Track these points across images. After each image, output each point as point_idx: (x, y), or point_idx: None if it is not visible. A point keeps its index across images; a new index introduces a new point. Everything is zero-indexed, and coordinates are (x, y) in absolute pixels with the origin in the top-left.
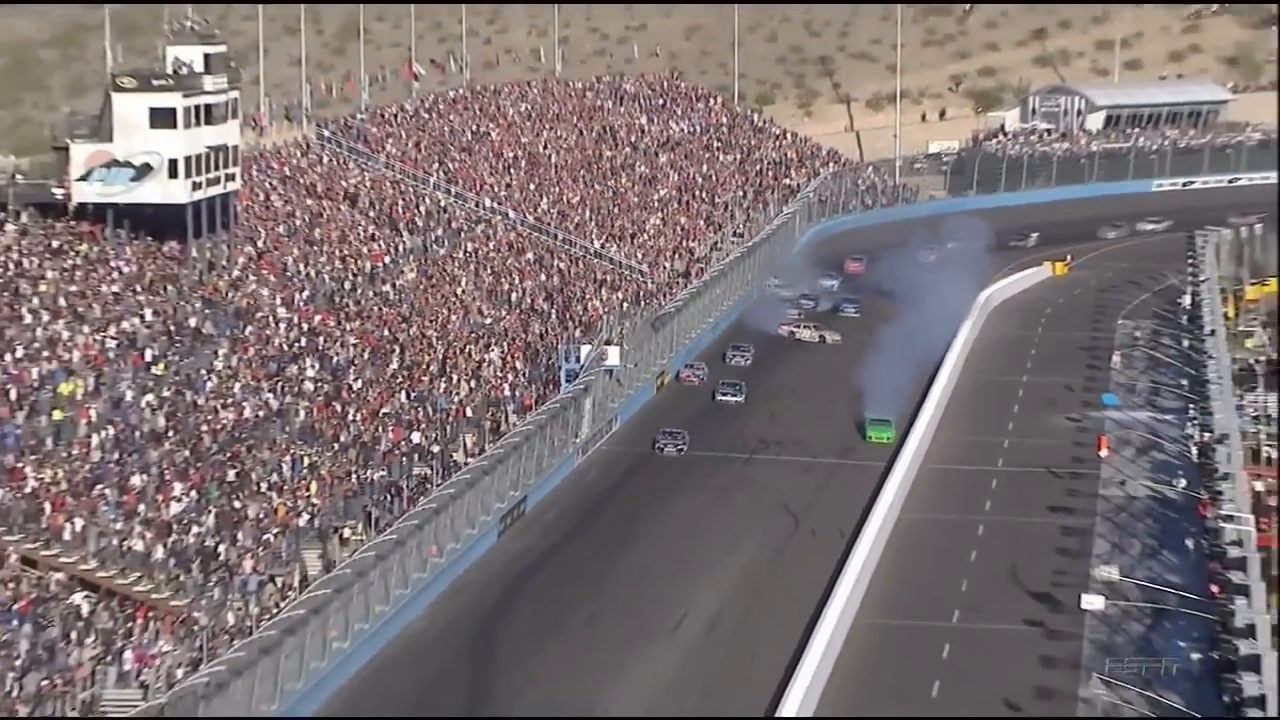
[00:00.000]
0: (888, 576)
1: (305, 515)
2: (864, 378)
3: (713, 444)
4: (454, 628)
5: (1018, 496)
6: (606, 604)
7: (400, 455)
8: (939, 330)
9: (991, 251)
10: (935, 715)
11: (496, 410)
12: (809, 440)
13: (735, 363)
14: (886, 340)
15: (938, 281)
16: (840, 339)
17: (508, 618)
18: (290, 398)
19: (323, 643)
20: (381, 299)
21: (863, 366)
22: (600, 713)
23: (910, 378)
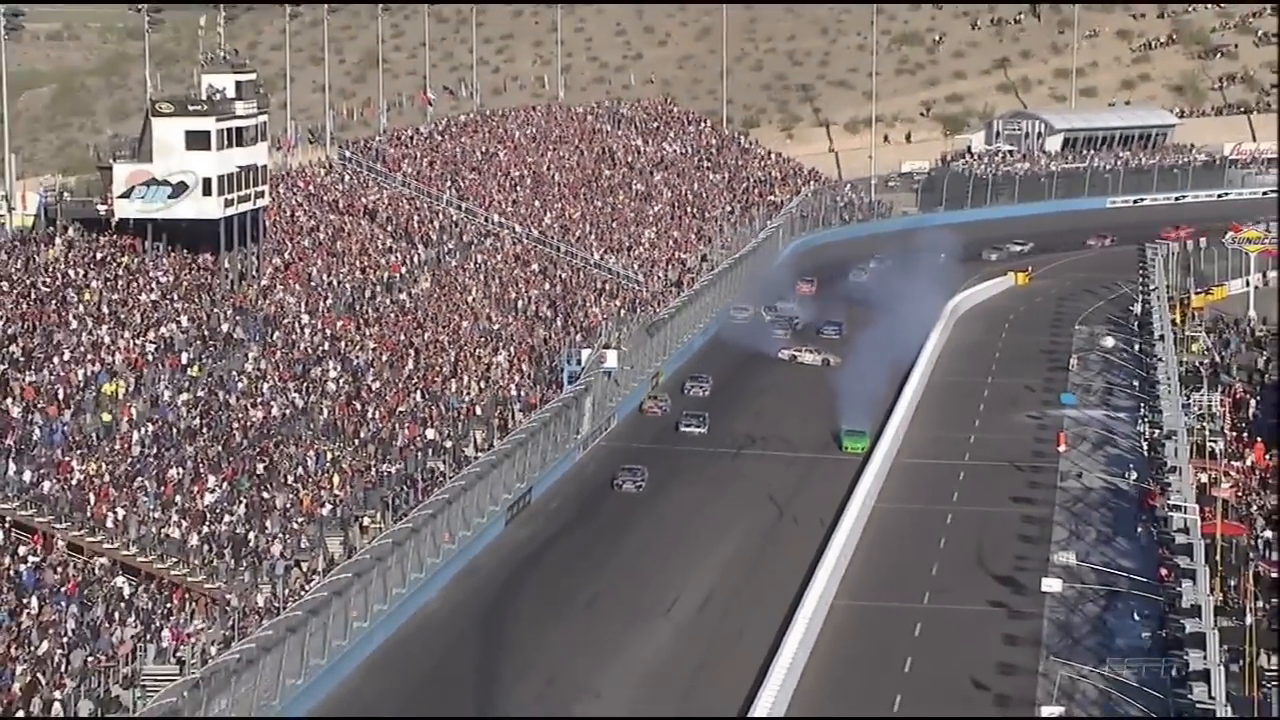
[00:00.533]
0: (864, 561)
1: (328, 505)
2: (837, 383)
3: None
4: (465, 608)
5: (983, 488)
6: (605, 587)
7: (415, 450)
8: (910, 336)
9: (957, 263)
10: (908, 687)
11: (504, 409)
12: (792, 436)
13: (694, 394)
14: (859, 347)
15: (908, 292)
16: (840, 361)
17: (515, 599)
18: (314, 397)
19: (345, 622)
20: (398, 306)
21: (835, 374)
22: (601, 687)
23: (882, 383)
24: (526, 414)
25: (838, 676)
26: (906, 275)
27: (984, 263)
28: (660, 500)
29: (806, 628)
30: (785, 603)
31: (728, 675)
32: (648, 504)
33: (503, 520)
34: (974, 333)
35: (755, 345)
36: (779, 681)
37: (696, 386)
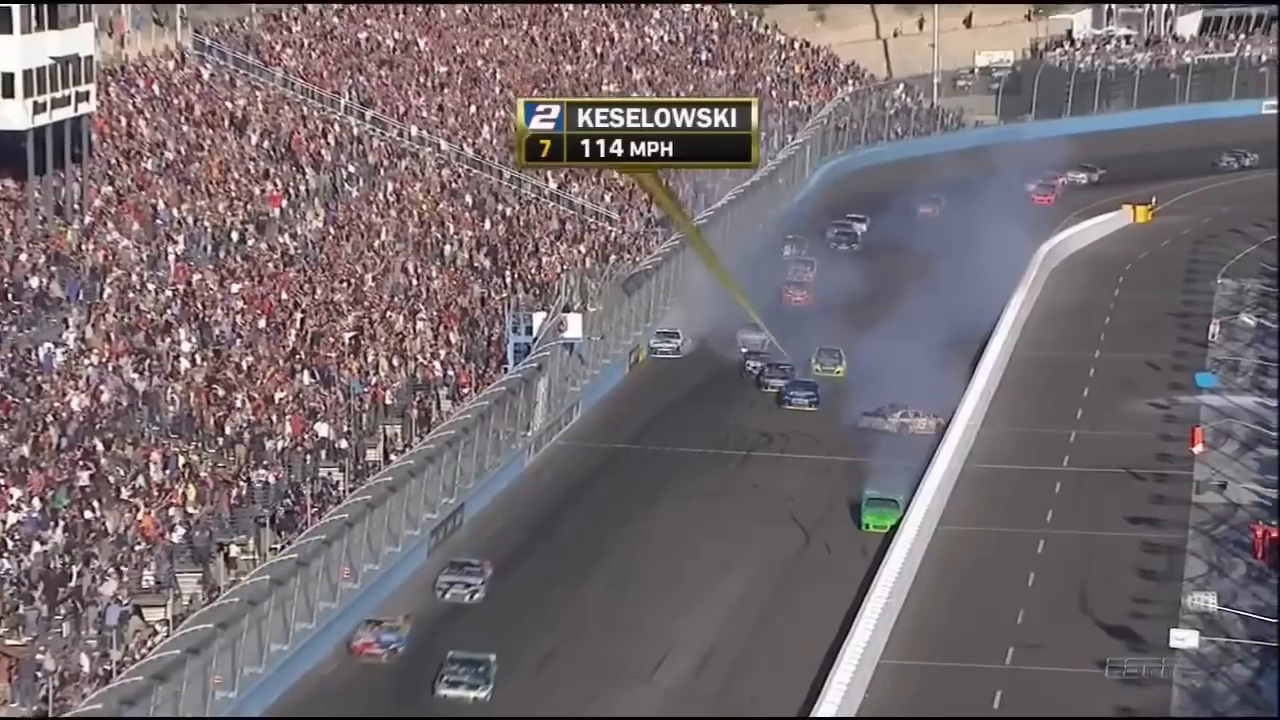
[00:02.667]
0: (922, 606)
1: (180, 529)
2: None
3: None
4: (372, 672)
5: (1088, 504)
6: (565, 640)
7: (302, 453)
8: (982, 299)
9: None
10: None
11: (425, 395)
12: (821, 432)
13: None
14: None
15: (984, 234)
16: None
17: (440, 658)
18: (161, 379)
19: (203, 693)
20: (278, 254)
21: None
22: None
23: (944, 368)
24: (457, 402)
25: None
26: (979, 210)
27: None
28: (642, 521)
29: (843, 699)
30: (813, 664)
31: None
32: (624, 526)
33: (424, 549)
34: (1075, 289)
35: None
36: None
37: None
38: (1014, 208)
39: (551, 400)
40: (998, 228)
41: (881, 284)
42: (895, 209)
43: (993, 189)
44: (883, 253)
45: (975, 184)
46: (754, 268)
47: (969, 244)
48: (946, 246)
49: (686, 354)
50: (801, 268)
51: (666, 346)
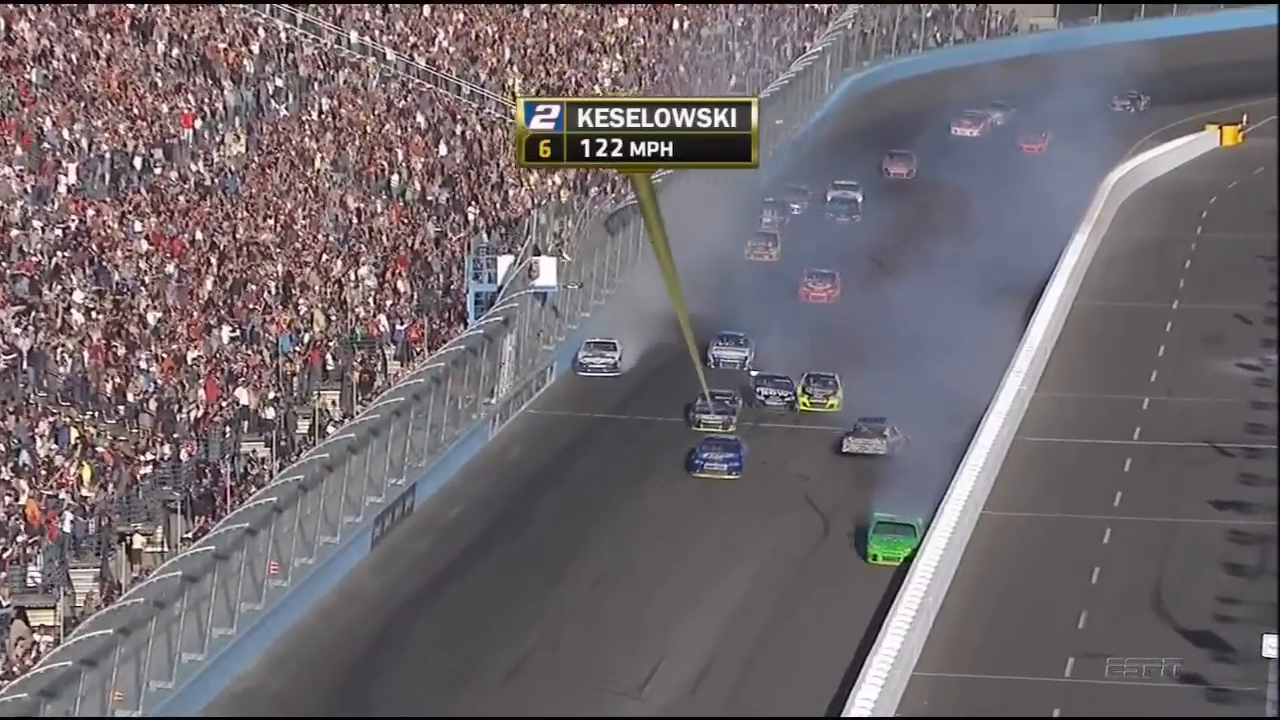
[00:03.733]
0: (964, 608)
1: (72, 515)
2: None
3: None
4: (301, 686)
5: (1163, 484)
6: (536, 650)
7: (220, 424)
8: (1037, 239)
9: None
10: None
11: (369, 356)
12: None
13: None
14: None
15: (1038, 161)
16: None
17: (385, 673)
18: (47, 335)
19: (101, 712)
20: (192, 185)
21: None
22: None
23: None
24: (406, 364)
25: None
26: (1034, 131)
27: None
28: (629, 506)
29: (874, 710)
30: (833, 677)
31: None
32: (607, 513)
33: (367, 540)
34: (1149, 226)
35: None
36: None
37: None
38: (1075, 128)
39: (520, 362)
40: (1055, 152)
41: (917, 220)
42: (930, 131)
43: (1049, 106)
44: (919, 186)
45: (1029, 99)
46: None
47: (1019, 172)
48: (992, 175)
49: (628, 370)
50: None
51: (600, 361)
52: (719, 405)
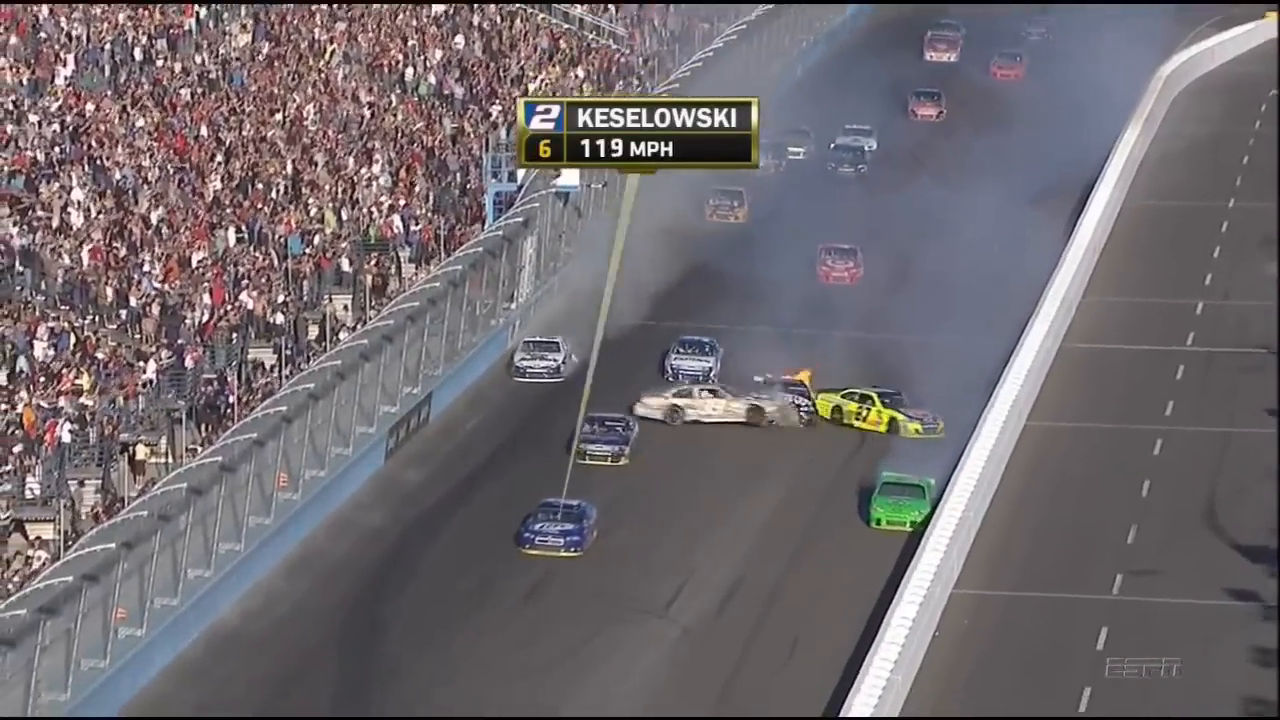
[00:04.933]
0: (1006, 523)
1: (71, 424)
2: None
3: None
4: (312, 606)
5: (1217, 393)
6: (556, 569)
7: (225, 330)
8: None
9: None
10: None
11: (382, 258)
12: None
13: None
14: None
15: (1084, 49)
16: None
17: (398, 591)
18: (45, 235)
19: (104, 629)
20: (196, 77)
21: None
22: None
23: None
24: (422, 267)
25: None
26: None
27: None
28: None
29: (907, 638)
30: (869, 595)
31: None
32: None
33: (381, 452)
34: (1204, 122)
35: None
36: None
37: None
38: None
39: (541, 265)
40: (1104, 40)
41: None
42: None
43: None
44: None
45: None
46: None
47: (1065, 63)
48: (1036, 68)
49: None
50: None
51: (540, 365)
52: (607, 433)
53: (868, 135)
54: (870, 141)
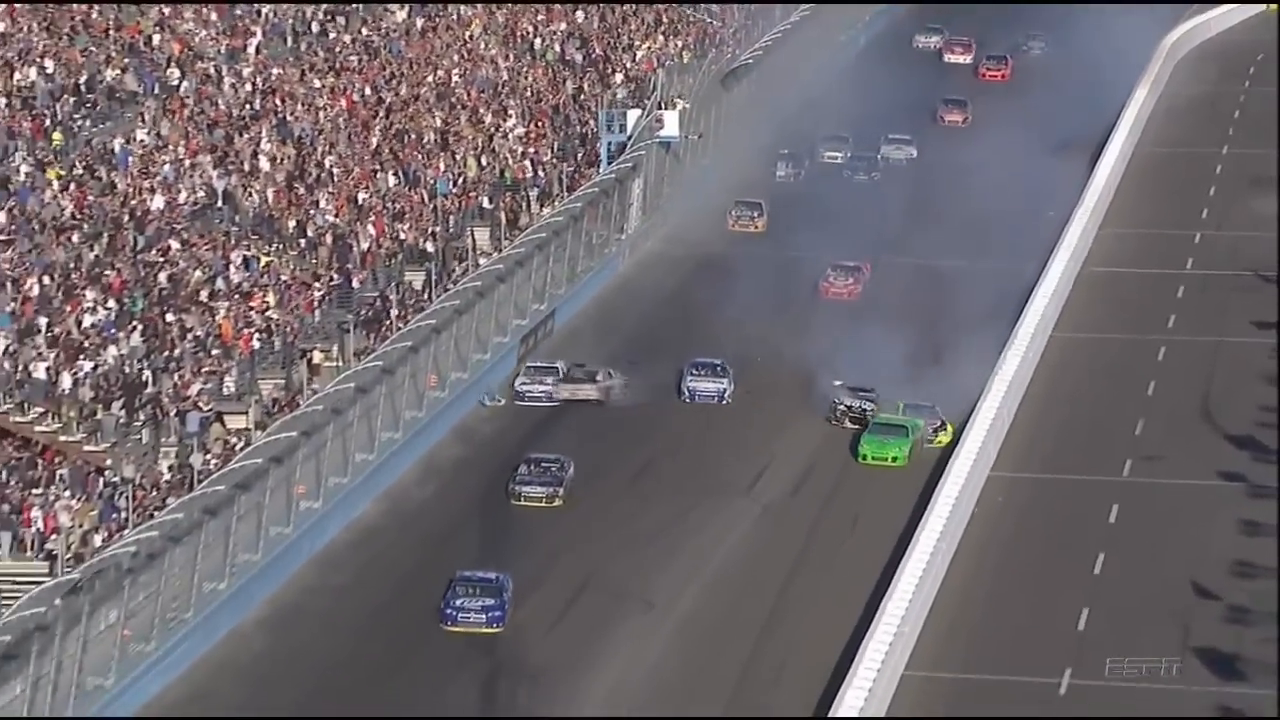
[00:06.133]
0: (1034, 416)
1: (260, 333)
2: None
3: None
4: (460, 483)
5: (1212, 308)
6: (660, 451)
7: (385, 256)
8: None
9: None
10: (1101, 596)
11: (515, 196)
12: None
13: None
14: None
15: (1098, 23)
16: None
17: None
18: (239, 178)
19: (287, 503)
20: (362, 46)
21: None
22: (658, 589)
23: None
24: (547, 204)
25: (1001, 573)
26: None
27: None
28: (746, 327)
29: (951, 512)
30: (918, 481)
31: (834, 580)
32: (726, 334)
33: (514, 357)
34: (1203, 82)
35: None
36: (915, 576)
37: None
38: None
39: (647, 202)
40: (1117, 16)
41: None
42: None
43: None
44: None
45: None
46: None
47: (1082, 33)
48: (1056, 37)
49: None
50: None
51: (539, 389)
52: (542, 474)
53: (907, 144)
54: (910, 150)
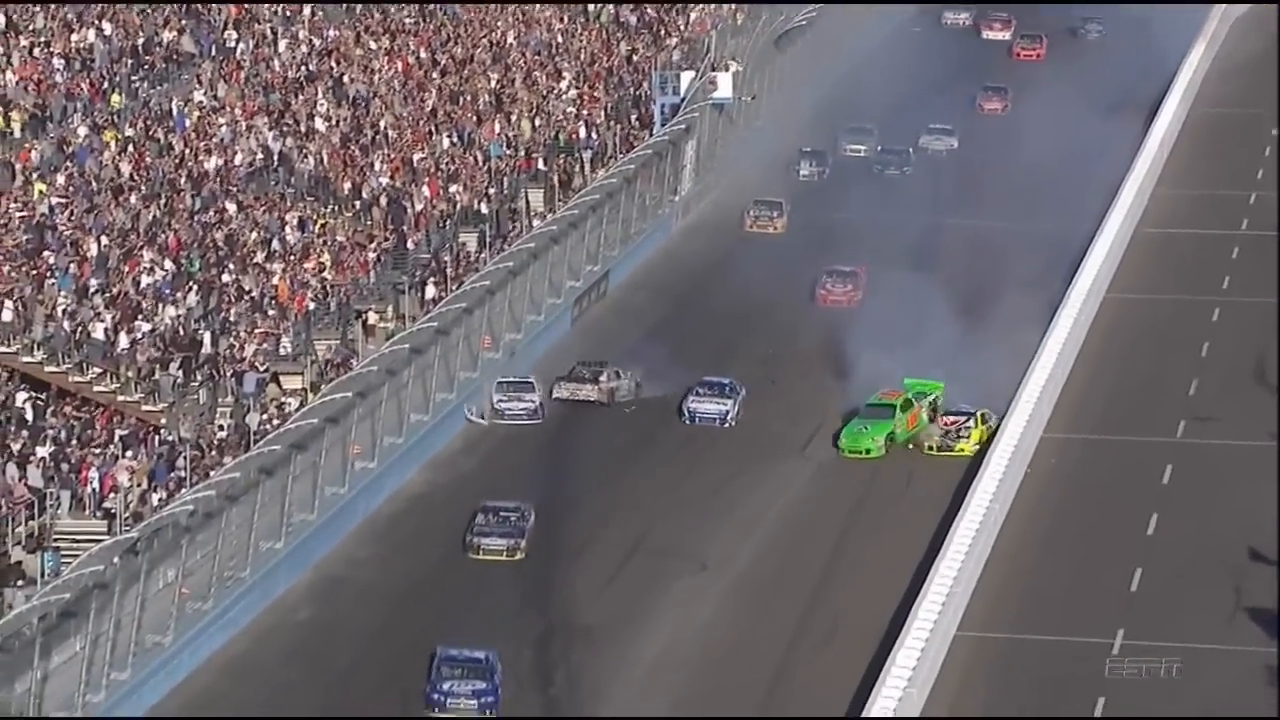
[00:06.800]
0: (1087, 377)
1: (316, 293)
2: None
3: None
4: (515, 442)
5: (1267, 269)
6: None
7: (440, 217)
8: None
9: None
10: (1154, 555)
11: (569, 158)
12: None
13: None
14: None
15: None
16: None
17: (586, 426)
18: (296, 139)
19: (343, 462)
20: (417, 8)
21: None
22: (710, 550)
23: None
24: (600, 166)
25: (1056, 528)
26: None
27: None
28: (804, 286)
29: (1005, 471)
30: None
31: (893, 529)
32: (785, 292)
33: (567, 317)
34: (1260, 40)
35: None
36: (971, 531)
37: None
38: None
39: (700, 164)
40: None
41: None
42: None
43: None
44: None
45: None
46: None
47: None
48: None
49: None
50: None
51: (519, 406)
52: (501, 524)
53: (949, 135)
54: (951, 141)
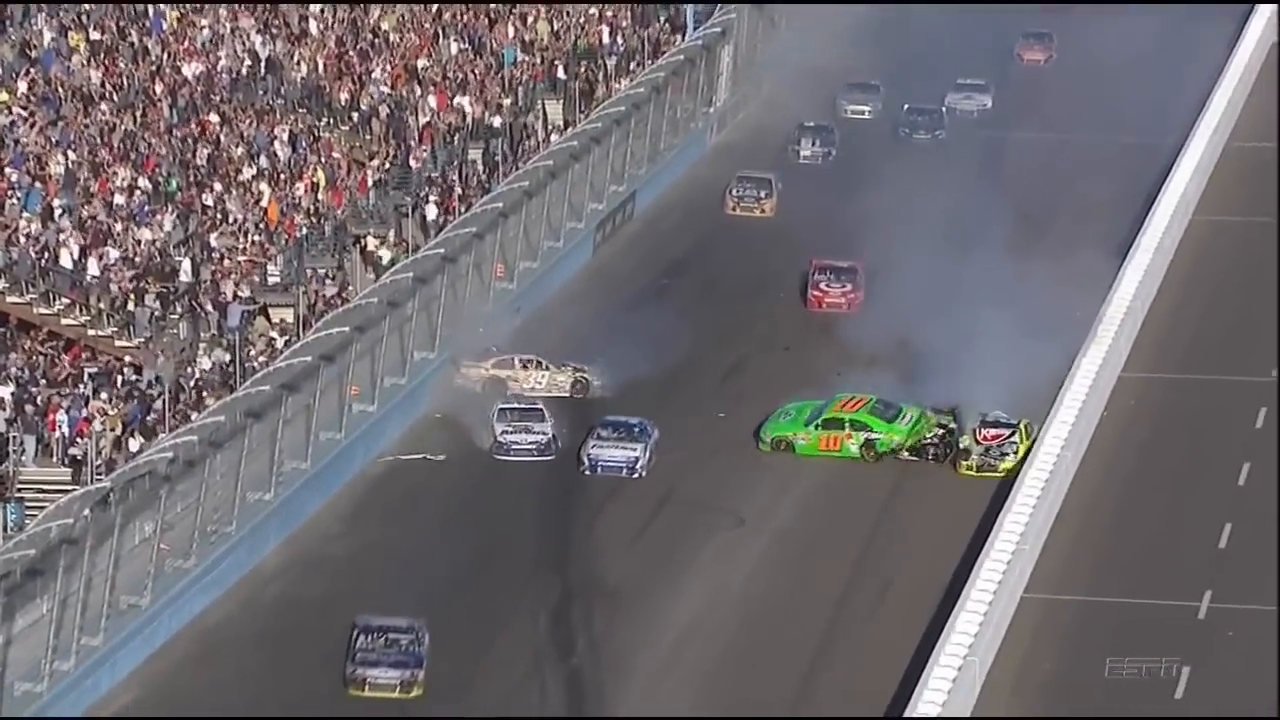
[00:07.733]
0: (1172, 310)
1: (309, 216)
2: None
3: None
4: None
5: None
6: (753, 350)
7: (446, 131)
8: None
9: None
10: (1242, 509)
11: (591, 66)
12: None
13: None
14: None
15: None
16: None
17: (612, 367)
18: (285, 44)
19: (339, 404)
20: None
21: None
22: (750, 507)
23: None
24: (625, 76)
25: (1124, 493)
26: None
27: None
28: (850, 205)
29: (1079, 414)
30: (1042, 380)
31: (951, 497)
32: (838, 206)
33: (589, 244)
34: None
35: None
36: (1035, 488)
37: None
38: None
39: (736, 72)
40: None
41: None
42: None
43: None
44: None
45: None
46: None
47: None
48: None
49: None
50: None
51: (528, 440)
52: (388, 648)
53: (983, 91)
54: (985, 99)
